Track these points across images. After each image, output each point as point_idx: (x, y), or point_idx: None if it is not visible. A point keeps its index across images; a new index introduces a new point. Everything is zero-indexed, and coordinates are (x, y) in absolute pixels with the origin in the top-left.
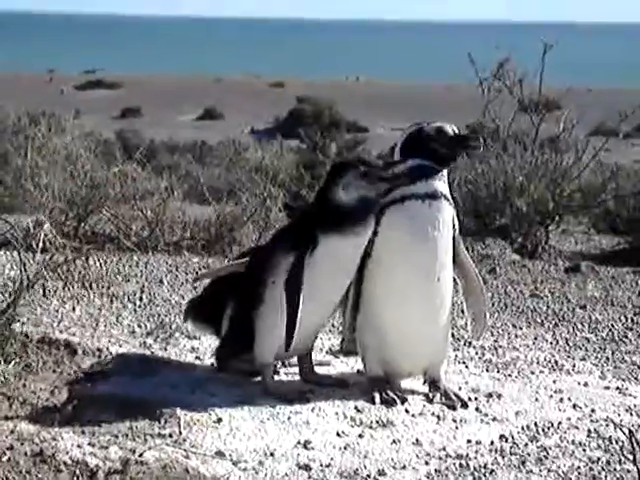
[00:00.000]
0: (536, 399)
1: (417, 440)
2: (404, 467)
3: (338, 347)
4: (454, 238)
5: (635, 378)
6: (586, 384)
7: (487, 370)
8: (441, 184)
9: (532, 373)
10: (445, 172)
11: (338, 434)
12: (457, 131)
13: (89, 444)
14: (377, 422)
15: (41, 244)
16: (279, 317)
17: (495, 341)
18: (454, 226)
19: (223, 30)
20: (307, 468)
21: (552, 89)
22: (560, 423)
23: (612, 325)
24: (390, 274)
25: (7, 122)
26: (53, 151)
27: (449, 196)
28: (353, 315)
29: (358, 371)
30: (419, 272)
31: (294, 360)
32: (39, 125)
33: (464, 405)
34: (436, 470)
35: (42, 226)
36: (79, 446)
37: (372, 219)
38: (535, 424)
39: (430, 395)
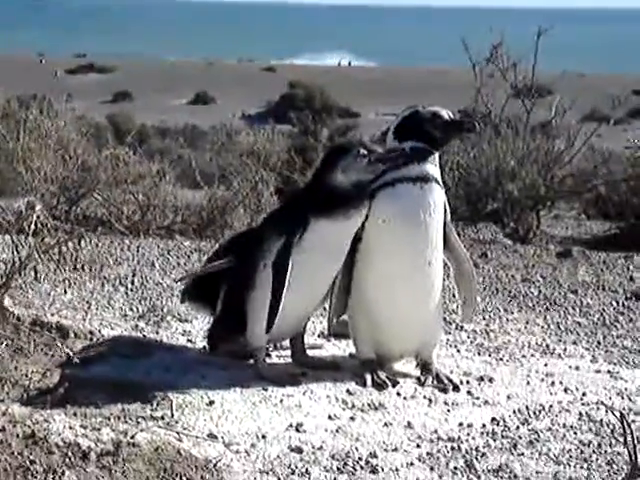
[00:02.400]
0: (527, 383)
1: (409, 423)
2: (396, 450)
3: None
4: (445, 222)
5: (626, 362)
6: (577, 368)
7: (479, 354)
8: (433, 167)
9: (523, 357)
10: (437, 156)
11: (330, 417)
12: (452, 116)
13: (81, 426)
14: (369, 405)
15: (33, 227)
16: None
17: (487, 325)
18: (445, 210)
19: (215, 14)
20: (299, 450)
21: (545, 74)
22: (551, 406)
23: (603, 309)
24: (381, 258)
25: None
26: (45, 134)
27: (440, 180)
28: (344, 298)
29: (350, 354)
30: (410, 256)
31: (286, 343)
32: (30, 108)
33: (456, 388)
34: (428, 453)
35: (34, 208)
36: (71, 428)
37: (365, 203)
38: (526, 407)
39: (422, 378)
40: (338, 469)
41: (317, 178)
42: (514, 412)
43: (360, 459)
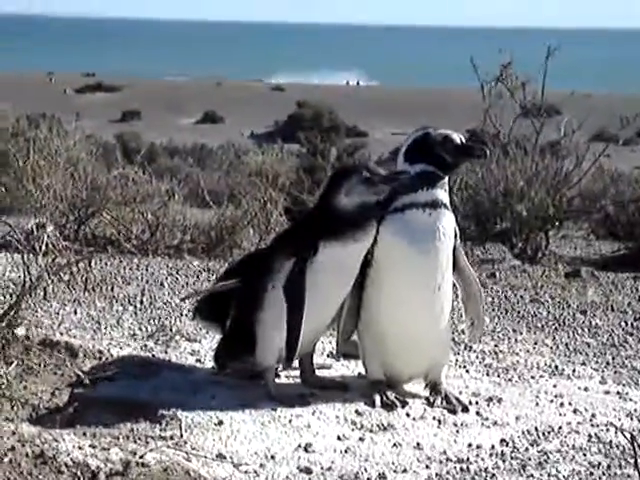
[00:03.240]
0: (536, 403)
1: (418, 444)
2: (405, 471)
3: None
4: (455, 246)
5: (635, 383)
6: (586, 389)
7: (488, 374)
8: (442, 192)
9: (532, 378)
10: (446, 180)
11: (339, 437)
12: (463, 139)
13: (90, 446)
14: (378, 426)
15: (44, 247)
16: (279, 321)
17: (495, 346)
18: (455, 234)
19: (224, 33)
20: (308, 471)
21: (553, 94)
22: (560, 428)
23: (612, 330)
24: (390, 283)
25: (7, 124)
26: (54, 153)
27: (449, 205)
28: (353, 320)
29: (359, 374)
30: (420, 282)
31: (295, 363)
32: (40, 127)
33: (465, 409)
34: (437, 474)
35: (45, 228)
36: (80, 448)
37: (373, 226)
38: (536, 428)
39: (431, 399)
40: None
41: (322, 201)
42: (523, 433)
43: None
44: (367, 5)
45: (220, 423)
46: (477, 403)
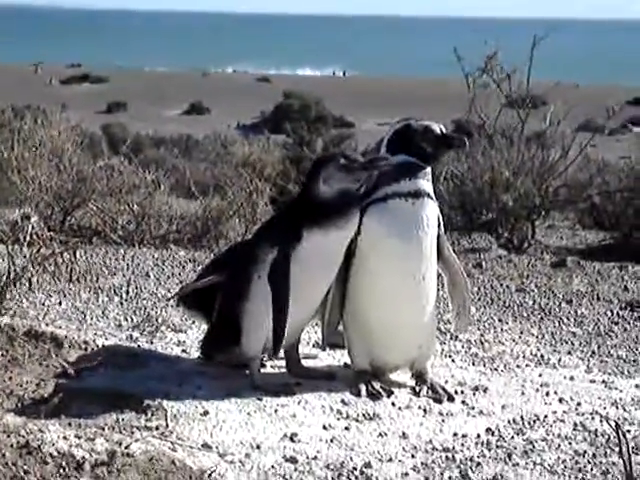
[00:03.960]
0: (522, 393)
1: (403, 433)
2: (390, 460)
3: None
4: (439, 235)
5: (621, 372)
6: (572, 378)
7: (473, 364)
8: (425, 182)
9: (518, 367)
10: (429, 170)
11: (324, 427)
12: (444, 130)
13: (75, 436)
14: (363, 415)
15: (28, 237)
16: (265, 311)
17: (481, 335)
18: (439, 223)
19: (210, 24)
20: (293, 461)
21: (539, 84)
22: (546, 416)
23: (598, 319)
24: (374, 272)
25: None
26: (39, 144)
27: (433, 194)
28: (338, 310)
29: (345, 364)
30: (404, 271)
31: (281, 353)
32: (24, 118)
33: (450, 398)
34: (422, 463)
35: (29, 219)
36: (65, 438)
37: (355, 212)
38: (521, 417)
39: (417, 388)
40: (333, 479)
41: (303, 190)
42: (509, 422)
43: (355, 469)
44: None
45: (206, 413)
46: (463, 392)
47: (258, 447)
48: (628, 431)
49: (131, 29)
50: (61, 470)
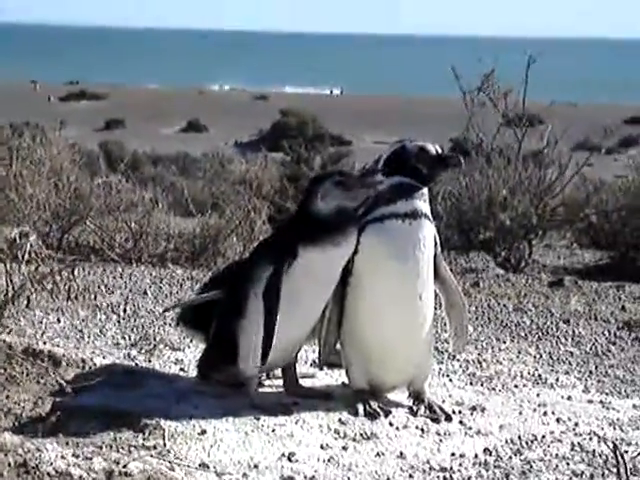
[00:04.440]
0: (520, 412)
1: (401, 453)
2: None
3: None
4: (435, 254)
5: (618, 392)
6: (570, 398)
7: (471, 383)
8: (421, 203)
9: (516, 387)
10: (426, 190)
11: (322, 446)
12: (439, 150)
13: (73, 455)
14: (361, 435)
15: (27, 255)
16: (261, 330)
17: (479, 355)
18: (435, 243)
19: (208, 43)
20: None
21: (536, 104)
22: (544, 437)
23: (595, 339)
24: (371, 291)
25: None
26: (38, 162)
27: (429, 214)
28: (335, 329)
29: (342, 383)
30: (400, 290)
31: (278, 372)
32: (23, 136)
33: (448, 418)
34: None
35: (28, 237)
36: (63, 457)
37: (353, 230)
38: (519, 437)
39: (414, 408)
40: None
41: (300, 207)
42: (506, 442)
43: None
44: (352, 14)
45: (203, 432)
46: (460, 412)
47: (256, 466)
48: (626, 452)
49: (127, 47)
50: None
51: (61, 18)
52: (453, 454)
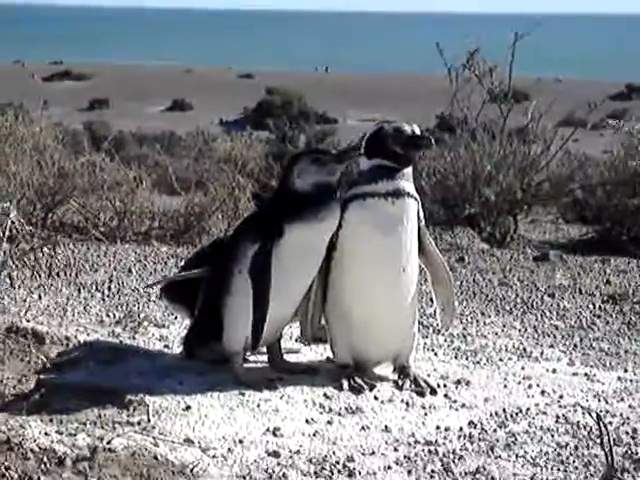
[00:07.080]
0: (505, 386)
1: (386, 427)
2: (373, 453)
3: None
4: (419, 229)
5: (603, 364)
6: (554, 371)
7: (456, 357)
8: (404, 182)
9: (501, 360)
10: (407, 170)
11: (307, 421)
12: (416, 130)
13: (57, 432)
14: (346, 409)
15: (8, 233)
16: (246, 306)
17: (464, 329)
18: (419, 217)
19: (193, 21)
20: (276, 455)
21: (522, 79)
22: (528, 409)
23: (580, 313)
24: (355, 266)
25: None
26: (21, 140)
27: (413, 192)
28: (320, 304)
29: (327, 358)
30: (384, 264)
31: (263, 348)
32: (6, 115)
33: (433, 392)
34: (405, 456)
35: (8, 214)
36: (47, 434)
37: (334, 204)
38: (504, 410)
39: (399, 382)
40: (315, 473)
41: (280, 186)
42: (491, 415)
43: (337, 463)
44: None
45: (188, 408)
46: (445, 386)
47: (241, 442)
48: (610, 423)
49: (112, 26)
50: (42, 466)
51: None
52: (438, 427)
